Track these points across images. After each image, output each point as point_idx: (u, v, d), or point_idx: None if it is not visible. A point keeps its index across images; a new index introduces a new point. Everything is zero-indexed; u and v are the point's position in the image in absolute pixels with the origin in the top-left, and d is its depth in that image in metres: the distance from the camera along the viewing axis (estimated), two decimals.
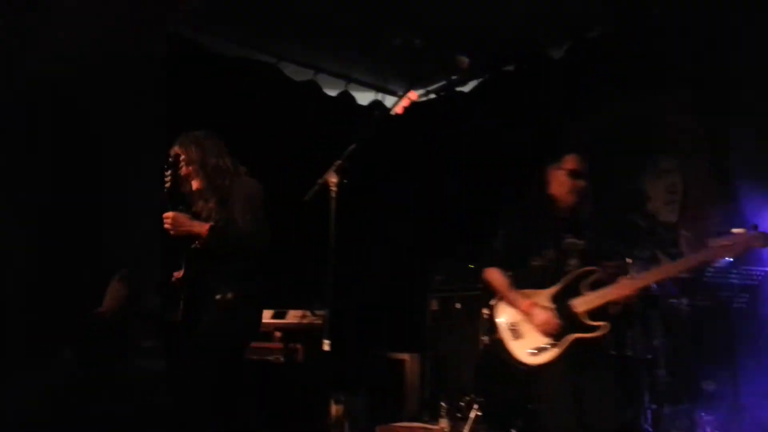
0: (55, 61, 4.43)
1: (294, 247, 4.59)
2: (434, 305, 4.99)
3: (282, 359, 4.04)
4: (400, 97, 2.32)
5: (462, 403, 4.15)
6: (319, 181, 2.38)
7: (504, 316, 2.99)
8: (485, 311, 4.30)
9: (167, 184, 2.80)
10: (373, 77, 5.70)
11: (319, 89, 5.58)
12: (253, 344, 4.13)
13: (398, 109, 2.31)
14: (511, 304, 2.94)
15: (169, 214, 2.73)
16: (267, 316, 4.11)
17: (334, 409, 4.23)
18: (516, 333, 2.92)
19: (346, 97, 5.73)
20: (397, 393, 4.76)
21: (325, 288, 2.41)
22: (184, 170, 2.88)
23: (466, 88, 5.70)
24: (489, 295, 4.31)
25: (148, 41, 4.54)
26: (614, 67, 4.61)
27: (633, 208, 4.52)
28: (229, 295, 2.74)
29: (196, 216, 2.86)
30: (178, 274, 2.89)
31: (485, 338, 4.28)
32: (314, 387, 3.70)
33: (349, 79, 5.67)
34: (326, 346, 2.24)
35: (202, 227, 2.74)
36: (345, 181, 2.35)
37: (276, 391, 4.04)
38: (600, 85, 4.73)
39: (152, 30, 4.50)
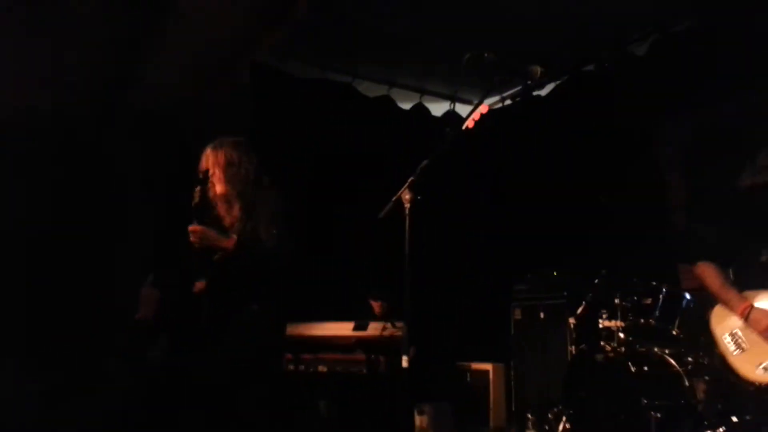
0: (156, 95, 4.76)
1: (371, 262, 4.65)
2: (517, 314, 4.90)
3: (365, 371, 4.09)
4: (472, 111, 2.30)
5: (550, 415, 4.04)
6: (393, 198, 2.39)
7: (723, 324, 2.57)
8: (572, 320, 4.22)
9: (196, 200, 2.79)
10: (446, 88, 5.70)
11: (393, 103, 5.64)
12: (337, 356, 4.26)
13: (469, 123, 2.29)
14: (726, 306, 2.55)
15: (196, 227, 2.73)
16: (347, 328, 4.19)
17: (418, 420, 4.23)
18: (738, 344, 2.51)
19: (421, 109, 5.76)
20: (481, 404, 4.69)
21: (404, 301, 2.41)
22: (216, 182, 2.86)
23: (543, 92, 5.58)
24: (575, 303, 4.25)
25: (234, 71, 4.77)
26: (706, 61, 4.35)
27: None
28: (254, 307, 2.75)
29: (218, 221, 2.83)
30: (200, 284, 2.89)
31: (572, 348, 4.18)
32: (398, 398, 3.71)
33: (423, 91, 5.69)
34: (405, 362, 2.24)
35: (228, 242, 2.73)
36: (419, 197, 2.35)
37: (360, 403, 4.09)
38: (690, 81, 4.48)
39: (238, 60, 4.70)
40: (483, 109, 2.27)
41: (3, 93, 4.11)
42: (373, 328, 4.18)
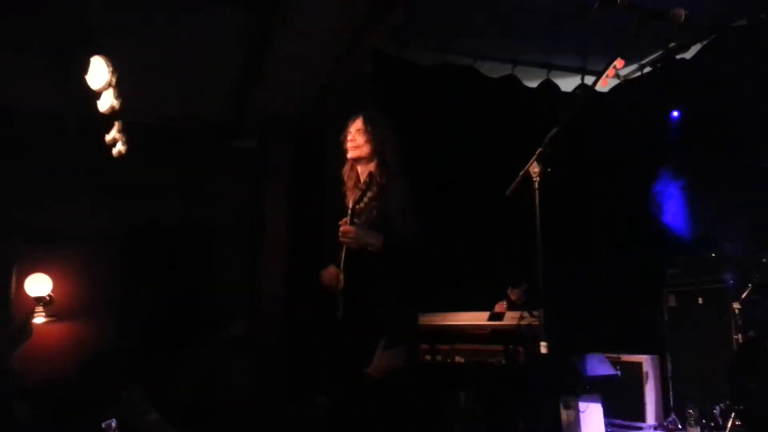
0: (284, 94, 4.94)
1: (502, 245, 4.46)
2: (671, 301, 4.49)
3: (503, 362, 3.92)
4: (605, 68, 2.06)
5: (715, 411, 3.64)
6: (521, 172, 2.22)
7: None
8: (736, 305, 3.77)
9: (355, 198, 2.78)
10: (576, 60, 5.34)
11: (519, 82, 5.38)
12: (473, 347, 4.13)
13: (603, 82, 2.06)
14: None
15: (350, 228, 2.69)
16: (483, 318, 4.05)
17: (565, 414, 3.99)
18: None
19: (549, 86, 5.44)
20: (634, 398, 4.34)
21: (538, 285, 2.24)
22: (361, 146, 2.83)
23: (688, 55, 5.03)
24: (739, 286, 3.78)
25: (355, 61, 4.81)
26: None
27: None
28: (386, 293, 2.68)
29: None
30: (331, 272, 2.85)
31: (738, 336, 3.74)
32: (540, 391, 3.52)
33: (551, 67, 5.38)
34: (543, 348, 2.07)
35: (378, 240, 2.68)
36: (549, 169, 2.16)
37: (502, 395, 3.93)
38: None
39: (357, 49, 4.73)
40: (618, 63, 2.02)
41: (144, 101, 4.50)
42: (510, 318, 4.00)
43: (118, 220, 5.09)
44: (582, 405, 4.03)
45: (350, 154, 2.90)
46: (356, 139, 2.88)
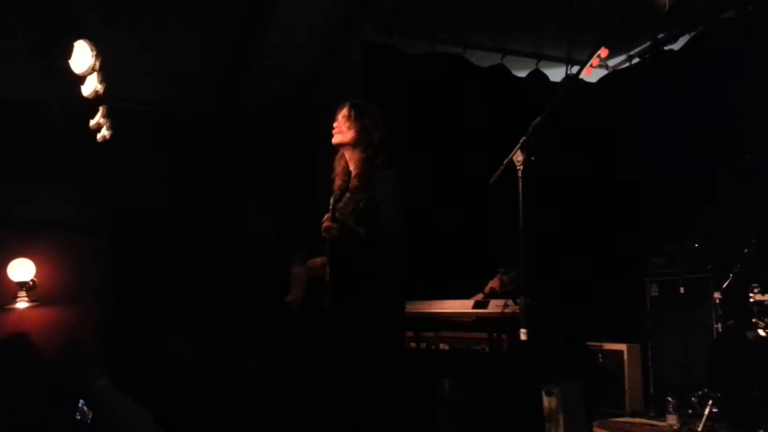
0: (273, 82, 4.92)
1: (487, 234, 4.49)
2: (654, 290, 4.55)
3: (487, 349, 3.96)
4: (589, 57, 2.07)
5: (693, 399, 3.70)
6: (505, 161, 2.23)
7: None
8: (717, 295, 3.82)
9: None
10: (565, 51, 5.35)
11: (509, 72, 5.39)
12: (458, 334, 4.17)
13: (587, 71, 2.07)
14: None
15: (331, 224, 2.65)
16: (467, 305, 4.08)
17: (547, 401, 4.04)
18: None
19: (538, 76, 5.46)
20: (615, 386, 4.40)
21: (520, 274, 2.27)
22: (344, 132, 2.82)
23: (677, 46, 5.06)
24: (720, 276, 3.83)
25: (344, 51, 4.79)
26: None
27: None
28: (376, 285, 2.69)
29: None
30: (318, 263, 2.85)
31: (718, 325, 3.80)
32: (522, 378, 3.55)
33: (540, 57, 5.39)
34: (523, 335, 2.10)
35: (360, 234, 2.66)
36: (532, 158, 2.17)
37: (485, 382, 3.98)
38: None
39: (346, 38, 4.71)
40: (603, 52, 2.03)
41: (130, 87, 4.47)
42: (494, 306, 4.03)
43: (103, 208, 5.06)
44: (563, 392, 4.08)
45: (333, 140, 2.90)
46: (340, 126, 2.87)
